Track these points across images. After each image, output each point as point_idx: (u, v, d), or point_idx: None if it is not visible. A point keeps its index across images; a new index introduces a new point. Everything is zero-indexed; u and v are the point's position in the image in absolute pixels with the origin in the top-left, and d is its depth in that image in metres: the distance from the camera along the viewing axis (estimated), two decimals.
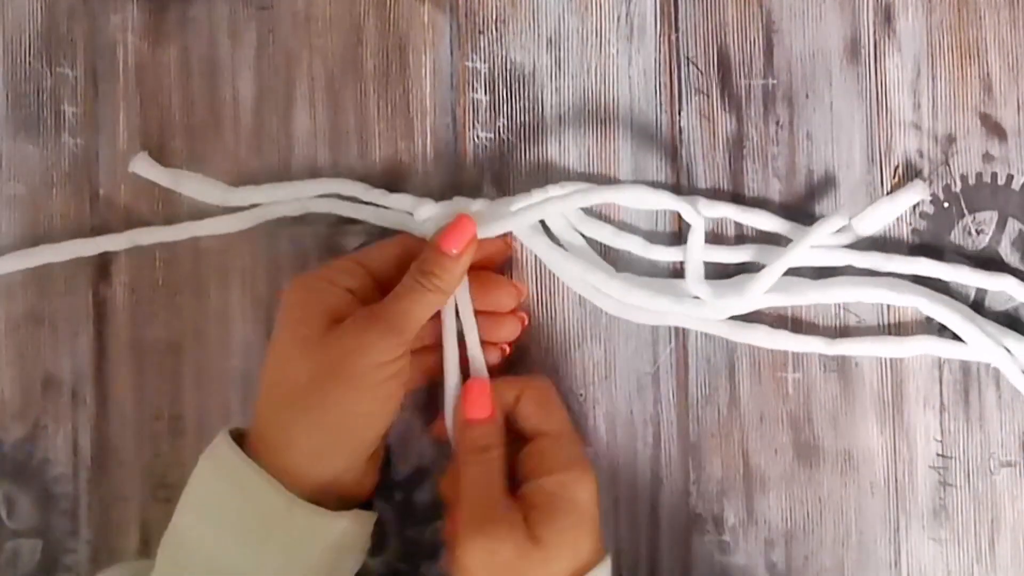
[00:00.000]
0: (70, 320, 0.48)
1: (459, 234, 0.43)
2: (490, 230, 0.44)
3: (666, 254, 0.46)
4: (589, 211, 0.46)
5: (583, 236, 0.46)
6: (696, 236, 0.44)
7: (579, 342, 0.47)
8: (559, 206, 0.45)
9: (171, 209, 0.48)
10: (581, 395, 0.46)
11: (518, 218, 0.45)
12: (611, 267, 0.46)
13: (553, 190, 0.45)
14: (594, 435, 0.46)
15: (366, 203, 0.47)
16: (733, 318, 0.46)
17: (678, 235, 0.46)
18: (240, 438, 0.42)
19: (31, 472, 0.48)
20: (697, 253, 0.44)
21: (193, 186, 0.47)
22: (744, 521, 0.46)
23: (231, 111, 0.48)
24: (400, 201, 0.46)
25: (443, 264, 0.43)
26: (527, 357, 0.47)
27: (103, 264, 0.48)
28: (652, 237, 0.46)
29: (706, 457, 0.46)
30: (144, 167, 0.47)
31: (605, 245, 0.46)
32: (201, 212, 0.47)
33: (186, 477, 0.42)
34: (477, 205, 0.45)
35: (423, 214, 0.45)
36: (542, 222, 0.46)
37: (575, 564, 0.41)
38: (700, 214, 0.44)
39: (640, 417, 0.46)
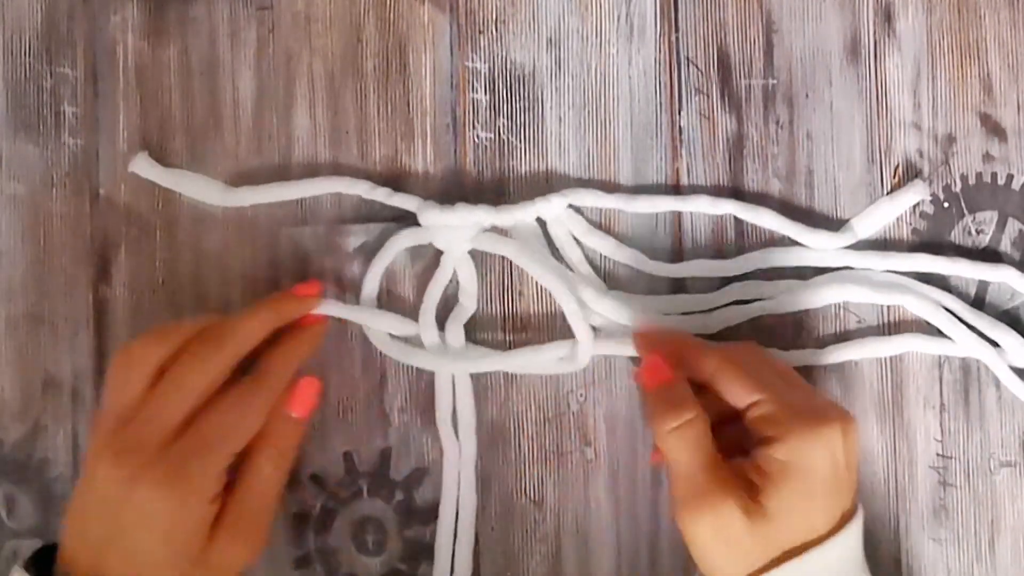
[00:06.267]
0: (70, 320, 0.48)
1: (306, 397, 0.45)
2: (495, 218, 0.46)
3: (667, 270, 0.46)
4: (591, 222, 0.47)
5: (584, 247, 0.47)
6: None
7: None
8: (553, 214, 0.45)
9: (171, 209, 0.48)
10: (581, 395, 0.46)
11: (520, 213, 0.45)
12: (602, 283, 0.46)
13: (555, 199, 0.46)
14: (594, 435, 0.46)
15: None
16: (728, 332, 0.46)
17: (679, 250, 0.46)
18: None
19: (31, 472, 0.48)
20: None
21: (193, 186, 0.47)
22: None
23: (231, 111, 0.48)
24: (405, 201, 0.46)
25: (296, 433, 0.44)
26: None
27: (103, 264, 0.48)
28: (652, 252, 0.46)
29: None
30: (144, 167, 0.47)
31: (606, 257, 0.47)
32: (201, 212, 0.47)
33: None
34: (479, 212, 0.45)
35: (428, 220, 0.45)
36: (545, 232, 0.46)
37: (806, 535, 0.39)
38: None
39: (640, 417, 0.46)
